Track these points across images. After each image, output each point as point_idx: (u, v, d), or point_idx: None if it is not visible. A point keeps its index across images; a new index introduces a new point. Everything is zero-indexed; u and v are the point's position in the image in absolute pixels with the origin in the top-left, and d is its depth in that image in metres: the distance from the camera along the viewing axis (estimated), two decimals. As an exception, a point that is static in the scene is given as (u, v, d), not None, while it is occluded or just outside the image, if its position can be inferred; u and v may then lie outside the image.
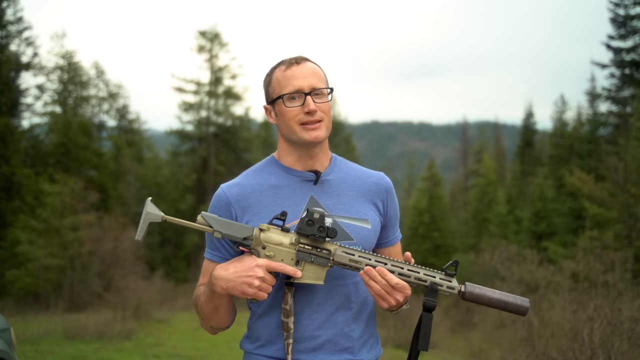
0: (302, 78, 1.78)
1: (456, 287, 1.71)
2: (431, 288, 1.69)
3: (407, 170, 48.87)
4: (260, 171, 1.88)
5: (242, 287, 1.63)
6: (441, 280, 1.70)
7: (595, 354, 5.46)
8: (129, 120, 30.04)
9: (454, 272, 1.72)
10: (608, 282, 8.60)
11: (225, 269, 1.67)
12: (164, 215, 1.67)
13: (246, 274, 1.63)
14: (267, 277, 1.64)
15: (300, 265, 1.69)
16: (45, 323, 11.83)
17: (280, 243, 1.68)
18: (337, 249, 1.69)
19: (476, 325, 12.86)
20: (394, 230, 1.96)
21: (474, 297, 1.72)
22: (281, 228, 1.69)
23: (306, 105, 1.76)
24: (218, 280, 1.67)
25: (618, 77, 20.53)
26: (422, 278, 1.69)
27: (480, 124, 62.16)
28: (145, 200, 1.69)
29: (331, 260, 1.69)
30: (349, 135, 33.82)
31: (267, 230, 1.68)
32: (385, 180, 1.93)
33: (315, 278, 1.70)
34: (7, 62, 20.57)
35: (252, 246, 1.68)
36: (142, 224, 1.67)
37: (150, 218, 1.67)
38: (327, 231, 1.66)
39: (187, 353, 9.39)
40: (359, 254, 1.69)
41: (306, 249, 1.68)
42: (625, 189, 14.28)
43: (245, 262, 1.66)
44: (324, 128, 1.79)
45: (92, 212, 18.49)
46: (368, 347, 1.85)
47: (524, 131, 32.82)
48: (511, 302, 1.72)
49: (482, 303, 1.73)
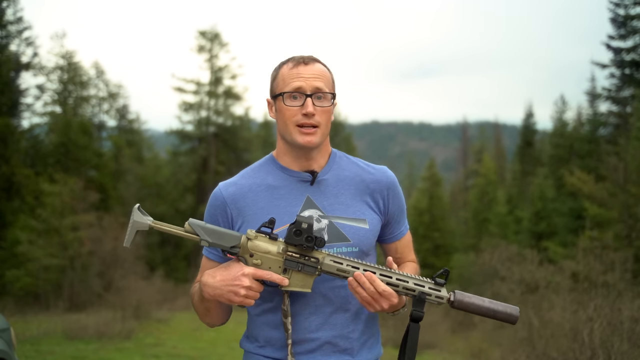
0: (306, 79, 1.75)
1: (445, 297, 1.68)
2: (419, 298, 1.67)
3: (407, 170, 48.92)
4: (259, 170, 1.87)
5: (228, 295, 1.65)
6: (430, 290, 1.68)
7: (595, 354, 5.46)
8: (129, 120, 30.03)
9: (443, 281, 1.70)
10: (608, 282, 8.61)
11: (213, 277, 1.67)
12: (151, 222, 1.66)
13: (232, 282, 1.64)
14: (253, 285, 1.64)
15: (287, 273, 1.67)
16: (45, 323, 11.82)
17: (268, 251, 1.67)
18: (325, 257, 1.67)
19: (476, 325, 12.84)
20: (399, 225, 1.93)
21: (464, 306, 1.70)
22: (269, 236, 1.67)
23: (305, 107, 1.74)
24: (206, 287, 1.68)
25: (618, 77, 20.50)
26: (410, 287, 1.68)
27: (480, 124, 62.19)
28: (133, 208, 1.68)
29: (319, 269, 1.68)
30: (349, 135, 33.83)
31: (255, 239, 1.67)
32: (386, 176, 1.89)
33: (302, 286, 1.69)
34: (7, 62, 20.55)
35: (239, 254, 1.67)
36: (130, 232, 1.67)
37: (137, 226, 1.67)
38: (315, 241, 1.64)
39: (187, 353, 9.39)
40: (347, 262, 1.67)
41: (294, 257, 1.67)
42: (625, 189, 14.27)
43: (232, 270, 1.66)
44: (319, 134, 1.76)
45: (92, 212, 18.48)
46: (368, 347, 1.84)
47: (524, 131, 32.80)
48: (500, 310, 1.70)
49: (472, 311, 1.71)
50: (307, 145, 1.76)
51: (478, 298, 1.71)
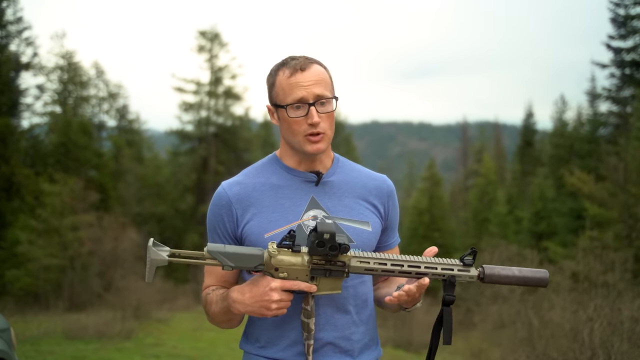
0: (306, 87, 1.73)
1: (474, 275, 1.69)
2: (449, 282, 1.68)
3: (407, 170, 48.93)
4: (262, 170, 1.87)
5: (260, 311, 1.65)
6: (459, 272, 1.69)
7: (595, 354, 5.46)
8: (129, 120, 30.04)
9: (472, 260, 1.70)
10: (608, 282, 8.61)
11: (242, 293, 1.66)
12: (169, 258, 1.62)
13: (262, 298, 1.63)
14: (283, 297, 1.63)
15: (315, 280, 1.67)
16: (45, 323, 11.83)
17: (293, 264, 1.65)
18: (351, 259, 1.66)
19: (476, 325, 12.84)
20: (393, 234, 1.96)
21: (494, 279, 1.72)
22: (291, 249, 1.65)
23: (309, 117, 1.73)
24: (236, 304, 1.67)
25: (618, 77, 20.51)
26: (439, 273, 1.68)
27: (480, 124, 62.17)
28: (148, 244, 1.62)
29: (346, 271, 1.67)
30: (349, 136, 33.85)
31: (278, 254, 1.64)
32: (387, 184, 1.91)
33: (332, 288, 1.68)
34: (7, 62, 20.56)
35: (264, 270, 1.65)
36: (149, 269, 1.63)
37: (156, 264, 1.62)
38: (340, 248, 1.61)
39: (187, 353, 9.39)
40: (373, 260, 1.67)
41: (319, 265, 1.65)
42: (625, 189, 14.28)
43: (260, 285, 1.64)
44: (326, 140, 1.77)
45: (92, 212, 18.50)
46: (368, 349, 1.85)
47: (524, 131, 32.79)
48: (530, 277, 1.73)
49: (503, 283, 1.74)
50: (316, 153, 1.76)
51: (506, 269, 1.73)
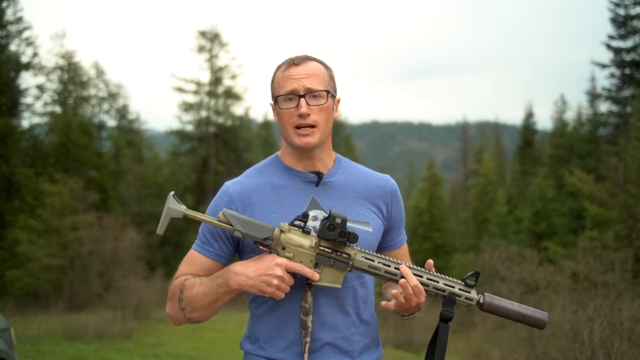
0: (298, 79, 1.75)
1: (474, 299, 1.69)
2: (449, 299, 1.68)
3: (407, 170, 48.89)
4: (263, 170, 1.87)
5: (260, 286, 1.64)
6: (460, 291, 1.69)
7: (595, 354, 5.46)
8: (129, 120, 30.02)
9: (474, 283, 1.70)
10: (608, 282, 8.61)
11: (246, 267, 1.66)
12: (185, 210, 1.66)
13: (265, 272, 1.63)
14: (285, 276, 1.64)
15: (319, 267, 1.68)
16: (45, 323, 11.84)
17: (301, 245, 1.67)
18: (357, 253, 1.68)
19: (476, 325, 12.85)
20: (399, 233, 1.95)
21: (493, 309, 1.70)
22: (302, 230, 1.68)
23: (299, 108, 1.74)
24: (238, 276, 1.66)
25: (618, 77, 20.49)
26: (440, 287, 1.68)
27: (480, 124, 62.12)
28: (168, 195, 1.68)
29: (350, 264, 1.68)
30: (349, 135, 33.87)
31: (288, 232, 1.67)
32: (390, 184, 1.91)
33: (333, 281, 1.69)
34: (7, 62, 20.56)
35: (272, 246, 1.67)
36: (164, 219, 1.67)
37: (171, 213, 1.67)
38: (349, 236, 1.64)
39: (187, 353, 9.40)
40: (378, 259, 1.68)
41: (326, 252, 1.67)
42: (625, 189, 14.28)
43: (265, 260, 1.66)
44: (317, 134, 1.76)
45: (92, 212, 18.50)
46: (368, 350, 1.85)
47: (524, 131, 32.78)
48: (530, 315, 1.69)
49: (501, 315, 1.70)
50: (305, 147, 1.76)
51: (508, 302, 1.70)
